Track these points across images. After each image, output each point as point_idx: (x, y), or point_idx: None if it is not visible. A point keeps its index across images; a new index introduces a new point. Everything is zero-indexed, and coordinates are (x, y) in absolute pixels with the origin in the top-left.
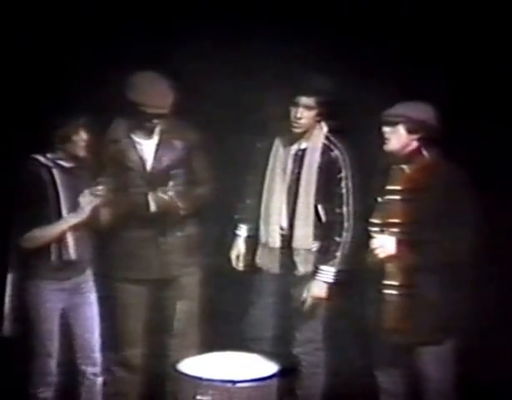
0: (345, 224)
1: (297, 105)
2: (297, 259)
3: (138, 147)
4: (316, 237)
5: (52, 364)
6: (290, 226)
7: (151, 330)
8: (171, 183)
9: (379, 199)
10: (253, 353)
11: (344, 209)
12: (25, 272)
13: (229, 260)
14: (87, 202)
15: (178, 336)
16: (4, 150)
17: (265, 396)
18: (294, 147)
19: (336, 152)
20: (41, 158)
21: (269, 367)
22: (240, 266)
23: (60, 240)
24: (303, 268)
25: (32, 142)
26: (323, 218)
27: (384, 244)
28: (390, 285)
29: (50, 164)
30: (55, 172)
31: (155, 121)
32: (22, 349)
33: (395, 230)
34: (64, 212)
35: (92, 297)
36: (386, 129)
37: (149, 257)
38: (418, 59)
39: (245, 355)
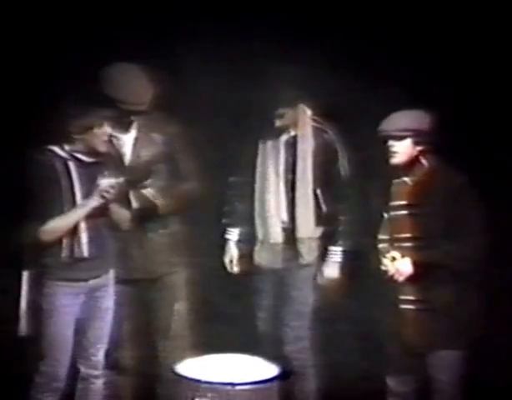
0: (346, 204)
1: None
2: (301, 249)
3: (115, 141)
4: (320, 223)
5: (61, 370)
6: (292, 217)
7: (141, 331)
8: (150, 180)
9: (386, 215)
10: (254, 355)
11: (344, 190)
12: (39, 272)
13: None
14: (106, 185)
15: (169, 337)
16: (19, 141)
17: (265, 398)
18: (284, 137)
19: (329, 133)
20: (56, 149)
21: (270, 370)
22: (235, 270)
23: (73, 236)
24: (307, 257)
25: (49, 133)
26: (324, 202)
27: (401, 268)
28: (406, 300)
29: (66, 156)
30: (71, 165)
31: (133, 117)
32: (30, 353)
33: (406, 245)
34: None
35: (110, 301)
36: (393, 143)
37: (132, 256)
38: (417, 62)
39: (245, 357)
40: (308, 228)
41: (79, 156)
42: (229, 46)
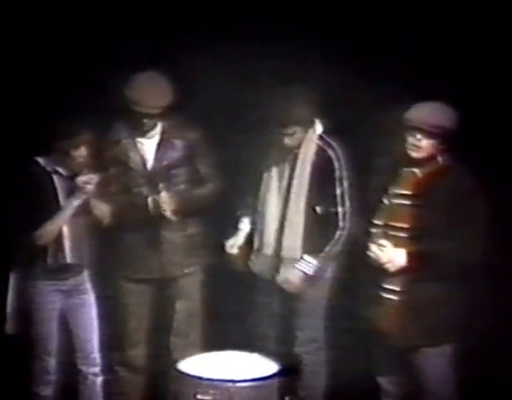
0: (340, 224)
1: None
2: (282, 268)
3: (139, 146)
4: (316, 239)
5: (52, 363)
6: (280, 233)
7: (153, 330)
8: (161, 185)
9: (386, 201)
10: (254, 353)
11: (340, 209)
12: (24, 272)
13: (230, 260)
14: (85, 181)
15: (180, 336)
16: (7, 152)
17: (266, 395)
18: (290, 152)
19: (330, 152)
20: (41, 162)
21: (270, 367)
22: (234, 250)
23: (57, 243)
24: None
25: (34, 147)
26: (322, 218)
27: (394, 258)
28: (390, 289)
29: (50, 170)
30: (54, 177)
31: (153, 120)
32: (23, 348)
33: (400, 234)
34: None
35: (91, 298)
36: (421, 137)
37: (150, 256)
38: (425, 59)
39: (246, 354)
40: (292, 250)
41: (61, 171)
42: (231, 47)
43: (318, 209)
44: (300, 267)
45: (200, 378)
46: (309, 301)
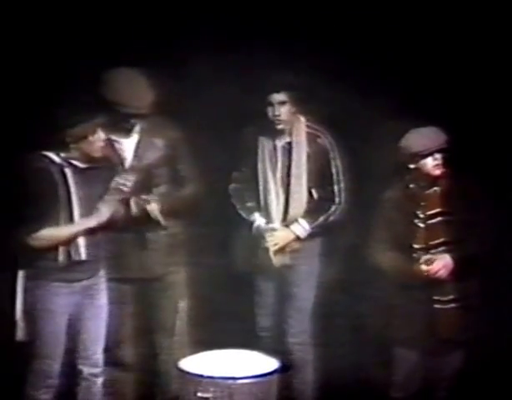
0: (336, 199)
1: (272, 104)
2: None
3: (117, 145)
4: (311, 218)
5: (55, 367)
6: (285, 215)
7: (143, 329)
8: (150, 186)
9: (421, 225)
10: (253, 350)
11: (335, 187)
12: (33, 273)
13: (233, 260)
14: (108, 206)
15: (171, 334)
16: (16, 147)
17: (266, 391)
18: (280, 142)
19: (322, 137)
20: (53, 156)
21: (269, 364)
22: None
23: (69, 242)
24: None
25: (44, 140)
26: (318, 199)
27: (444, 264)
28: (446, 300)
29: (63, 163)
30: (68, 171)
31: (133, 121)
32: (23, 351)
33: (440, 249)
34: (76, 212)
35: (104, 299)
36: (439, 156)
37: (132, 256)
38: (414, 67)
39: (246, 352)
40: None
41: (75, 162)
42: (230, 52)
43: (313, 192)
44: (294, 229)
45: (201, 376)
46: (301, 298)
